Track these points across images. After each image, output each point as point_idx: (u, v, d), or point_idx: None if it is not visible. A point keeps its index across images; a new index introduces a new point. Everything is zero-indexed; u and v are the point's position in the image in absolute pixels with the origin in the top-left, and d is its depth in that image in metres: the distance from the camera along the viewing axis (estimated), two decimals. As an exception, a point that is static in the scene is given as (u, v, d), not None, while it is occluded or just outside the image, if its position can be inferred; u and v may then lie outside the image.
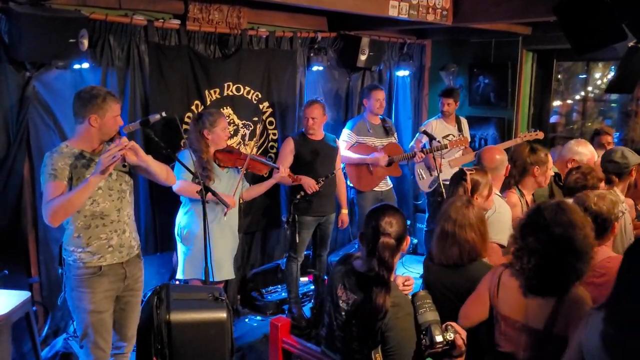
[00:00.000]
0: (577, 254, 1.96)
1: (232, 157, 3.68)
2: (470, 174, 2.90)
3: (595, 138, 4.47)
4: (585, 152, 3.72)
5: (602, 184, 3.18)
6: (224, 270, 3.69)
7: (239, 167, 3.69)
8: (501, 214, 3.02)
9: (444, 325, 2.06)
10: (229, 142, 4.34)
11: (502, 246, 2.94)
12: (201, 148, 3.54)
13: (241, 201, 4.00)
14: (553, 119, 5.95)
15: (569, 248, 1.96)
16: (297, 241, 4.20)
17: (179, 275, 3.65)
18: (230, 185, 3.67)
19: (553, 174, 3.58)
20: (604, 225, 2.41)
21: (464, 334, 2.10)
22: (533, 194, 3.55)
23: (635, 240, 1.83)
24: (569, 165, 3.61)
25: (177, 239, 3.66)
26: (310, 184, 4.09)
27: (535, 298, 2.02)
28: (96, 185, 2.59)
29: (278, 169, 3.82)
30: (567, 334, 1.91)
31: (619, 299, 1.66)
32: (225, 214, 3.52)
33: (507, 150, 3.72)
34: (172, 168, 3.24)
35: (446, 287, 2.47)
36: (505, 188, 3.45)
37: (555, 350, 1.91)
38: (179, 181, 3.43)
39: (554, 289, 1.98)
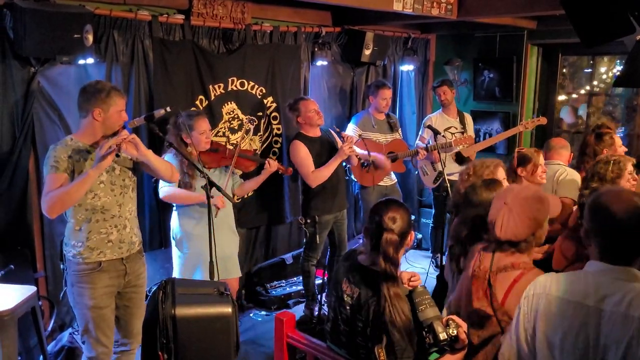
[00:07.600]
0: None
1: (217, 157, 3.62)
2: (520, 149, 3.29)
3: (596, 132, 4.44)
4: None
5: None
6: (228, 269, 3.64)
7: (227, 166, 3.65)
8: (571, 175, 3.58)
9: (445, 320, 2.05)
10: (233, 137, 4.35)
11: (574, 202, 3.29)
12: (181, 152, 3.24)
13: (237, 199, 3.94)
14: (563, 114, 5.90)
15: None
16: (318, 242, 4.13)
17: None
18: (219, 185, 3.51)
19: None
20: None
21: (465, 326, 2.09)
22: None
23: None
24: None
25: (172, 242, 3.61)
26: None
27: None
28: (95, 178, 2.58)
29: (264, 163, 3.75)
30: None
31: None
32: (216, 215, 3.37)
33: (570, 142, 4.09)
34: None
35: None
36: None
37: None
38: (166, 188, 3.38)
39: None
